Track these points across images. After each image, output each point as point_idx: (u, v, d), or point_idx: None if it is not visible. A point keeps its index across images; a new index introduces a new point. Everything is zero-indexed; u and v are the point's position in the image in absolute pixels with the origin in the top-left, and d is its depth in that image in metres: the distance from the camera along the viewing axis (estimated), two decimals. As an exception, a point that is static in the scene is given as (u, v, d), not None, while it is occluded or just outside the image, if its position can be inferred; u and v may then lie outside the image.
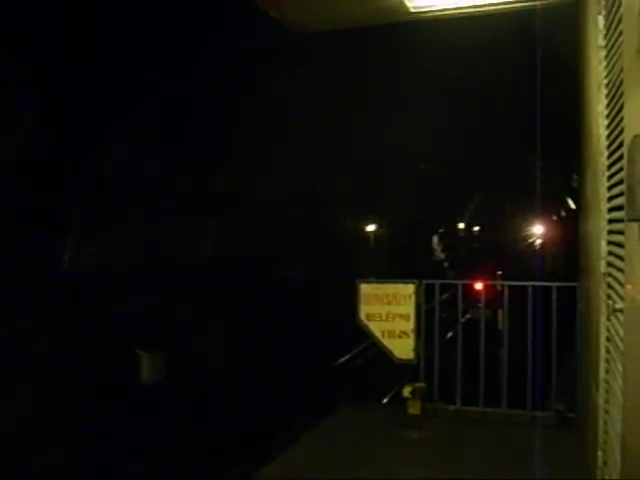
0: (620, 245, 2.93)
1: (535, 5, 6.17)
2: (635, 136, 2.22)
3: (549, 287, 6.54)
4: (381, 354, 6.97)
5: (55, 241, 12.47)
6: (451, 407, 6.85)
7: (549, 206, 37.33)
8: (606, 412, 3.42)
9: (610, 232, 3.39)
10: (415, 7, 6.37)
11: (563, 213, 34.43)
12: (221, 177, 16.51)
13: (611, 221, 3.33)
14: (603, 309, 3.58)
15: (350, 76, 16.21)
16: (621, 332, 2.84)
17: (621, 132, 2.83)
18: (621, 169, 2.83)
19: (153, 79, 12.83)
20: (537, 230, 48.20)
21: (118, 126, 13.46)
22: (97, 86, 11.91)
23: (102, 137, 13.08)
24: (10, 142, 10.95)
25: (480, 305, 7.33)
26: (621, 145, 2.83)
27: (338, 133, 18.10)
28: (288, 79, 14.32)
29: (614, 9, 3.03)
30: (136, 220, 14.23)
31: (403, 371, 6.80)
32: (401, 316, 6.75)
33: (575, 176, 15.18)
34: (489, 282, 8.11)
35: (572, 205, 25.95)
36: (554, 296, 6.47)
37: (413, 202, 28.57)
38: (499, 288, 7.57)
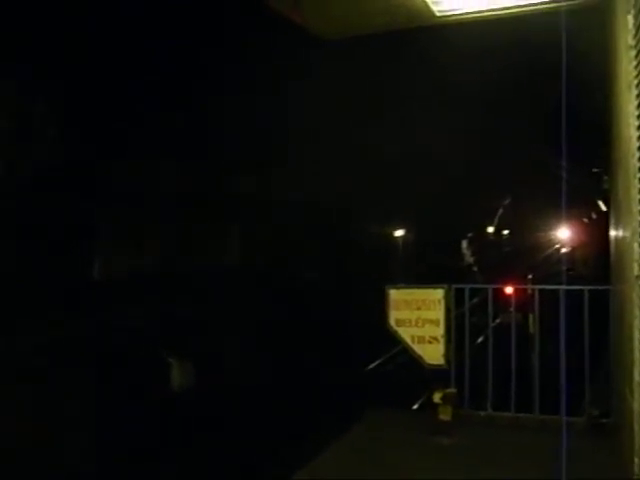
0: (654, 247, 2.88)
1: (561, 6, 6.11)
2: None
3: (581, 290, 6.47)
4: (411, 360, 6.94)
5: (85, 249, 12.59)
6: (482, 413, 6.78)
7: (579, 208, 36.93)
8: (642, 417, 3.36)
9: (643, 234, 3.34)
10: (440, 11, 6.35)
11: (594, 215, 34.06)
12: (252, 186, 16.56)
13: (644, 223, 3.28)
14: (637, 312, 3.52)
15: (375, 83, 16.19)
16: (656, 336, 2.79)
17: (653, 132, 2.78)
18: (653, 170, 2.78)
19: (180, 84, 12.90)
20: (567, 233, 47.67)
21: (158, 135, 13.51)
22: (127, 90, 12.00)
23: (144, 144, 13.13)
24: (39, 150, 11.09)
25: (511, 309, 7.26)
26: (653, 146, 2.78)
27: (365, 140, 18.08)
28: (309, 85, 14.32)
29: (643, 8, 2.98)
30: (166, 228, 14.32)
31: (433, 377, 6.75)
32: (431, 321, 6.71)
33: (605, 177, 15.01)
34: (519, 286, 8.04)
35: (603, 207, 25.65)
36: (586, 299, 6.39)
37: (443, 207, 28.44)
38: (529, 292, 7.50)
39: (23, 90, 10.66)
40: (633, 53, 3.53)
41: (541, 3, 6.19)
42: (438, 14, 6.39)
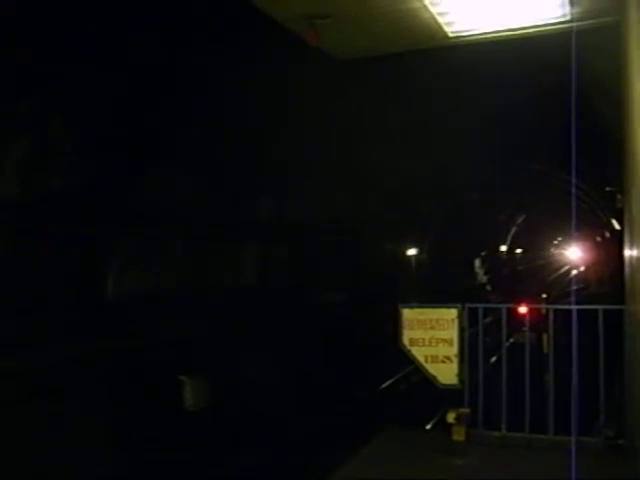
0: (668, 267, 2.88)
1: (574, 26, 6.15)
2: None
3: (595, 310, 6.44)
4: (424, 379, 6.93)
5: (103, 268, 12.60)
6: (496, 433, 6.73)
7: (593, 227, 36.81)
8: (657, 438, 3.34)
9: (657, 254, 3.34)
10: (453, 32, 6.40)
11: (608, 234, 33.95)
12: (269, 205, 16.58)
13: (658, 243, 3.28)
14: (651, 332, 3.51)
15: (388, 102, 16.24)
16: (671, 356, 2.79)
17: (666, 153, 2.79)
18: (667, 190, 2.79)
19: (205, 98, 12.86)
20: (581, 252, 47.52)
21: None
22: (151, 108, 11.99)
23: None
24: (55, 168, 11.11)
25: (524, 329, 7.24)
26: (666, 166, 2.80)
27: (376, 159, 18.12)
28: (325, 101, 14.31)
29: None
30: (181, 247, 14.35)
31: (447, 396, 6.73)
32: (444, 341, 6.70)
33: (619, 196, 14.97)
34: (533, 306, 8.02)
35: (617, 226, 25.55)
36: (600, 319, 6.36)
37: (455, 226, 28.42)
38: (543, 312, 7.47)
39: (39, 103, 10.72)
40: (646, 73, 3.54)
41: (554, 23, 6.23)
42: (451, 35, 6.44)
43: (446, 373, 6.68)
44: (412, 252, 26.80)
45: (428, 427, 12.19)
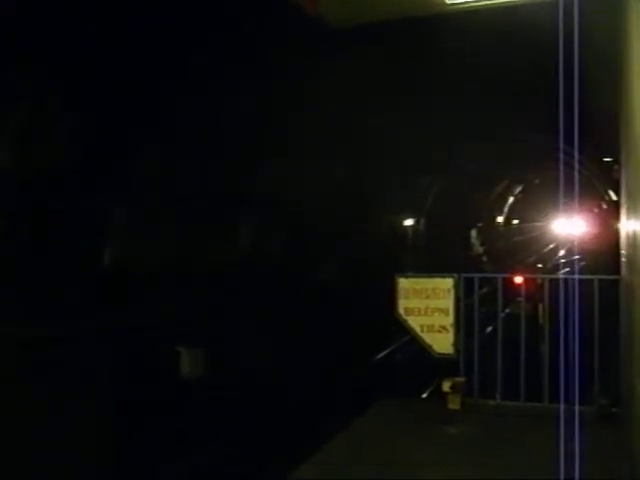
0: (664, 236, 2.87)
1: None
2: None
3: (591, 280, 6.46)
4: (420, 348, 6.96)
5: (98, 241, 12.53)
6: (491, 402, 6.79)
7: (590, 198, 36.76)
8: (651, 406, 3.35)
9: (654, 223, 3.32)
10: (450, -1, 6.31)
11: (604, 205, 33.91)
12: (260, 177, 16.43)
13: (655, 211, 3.26)
14: (647, 301, 3.51)
15: (381, 71, 16.04)
16: (666, 325, 2.78)
17: (664, 120, 2.77)
18: (665, 158, 2.77)
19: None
20: (577, 223, 47.53)
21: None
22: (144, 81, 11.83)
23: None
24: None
25: (520, 299, 7.26)
26: (664, 133, 2.77)
27: (368, 128, 17.96)
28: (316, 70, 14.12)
29: (656, -6, 2.96)
30: (175, 219, 14.28)
31: (442, 365, 6.78)
32: (440, 310, 6.72)
33: (616, 167, 14.91)
34: (528, 276, 8.03)
35: (614, 197, 25.52)
36: (596, 289, 6.38)
37: (453, 197, 28.34)
38: (539, 282, 7.49)
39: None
40: (645, 40, 3.50)
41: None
42: (449, 2, 6.35)
43: (442, 342, 6.72)
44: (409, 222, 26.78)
45: (424, 396, 12.25)
